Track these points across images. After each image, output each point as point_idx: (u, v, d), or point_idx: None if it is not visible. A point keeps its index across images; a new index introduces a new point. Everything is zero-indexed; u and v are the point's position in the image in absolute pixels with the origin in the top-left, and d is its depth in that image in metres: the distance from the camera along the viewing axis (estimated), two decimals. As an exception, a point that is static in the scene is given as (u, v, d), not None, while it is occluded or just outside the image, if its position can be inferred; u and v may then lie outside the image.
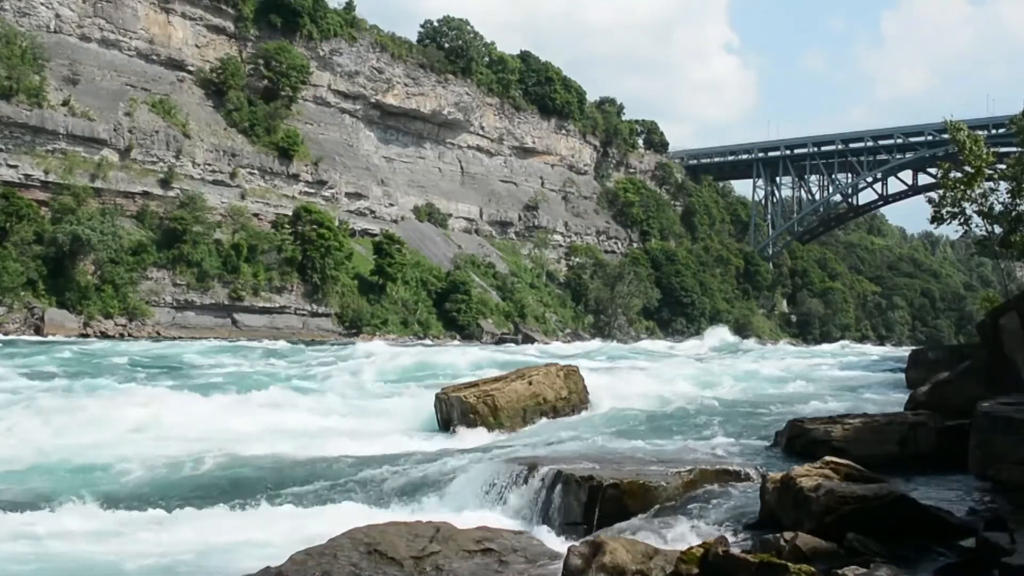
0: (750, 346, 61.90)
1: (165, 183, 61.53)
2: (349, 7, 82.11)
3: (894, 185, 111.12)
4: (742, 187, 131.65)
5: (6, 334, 45.36)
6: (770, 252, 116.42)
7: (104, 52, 63.57)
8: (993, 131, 65.24)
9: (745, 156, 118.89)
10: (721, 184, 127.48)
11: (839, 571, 5.50)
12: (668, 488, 8.77)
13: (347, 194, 77.18)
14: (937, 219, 26.09)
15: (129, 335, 51.93)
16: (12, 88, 53.70)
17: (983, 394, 9.44)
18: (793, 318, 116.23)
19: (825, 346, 72.23)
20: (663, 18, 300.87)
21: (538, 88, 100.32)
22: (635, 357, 38.64)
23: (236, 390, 19.63)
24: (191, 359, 31.82)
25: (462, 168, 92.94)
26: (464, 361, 29.74)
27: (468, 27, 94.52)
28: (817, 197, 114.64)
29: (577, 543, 6.32)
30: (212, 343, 45.75)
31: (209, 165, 65.34)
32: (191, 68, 69.36)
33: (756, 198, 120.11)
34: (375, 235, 75.86)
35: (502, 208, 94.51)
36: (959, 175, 25.64)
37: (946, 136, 39.05)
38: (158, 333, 54.10)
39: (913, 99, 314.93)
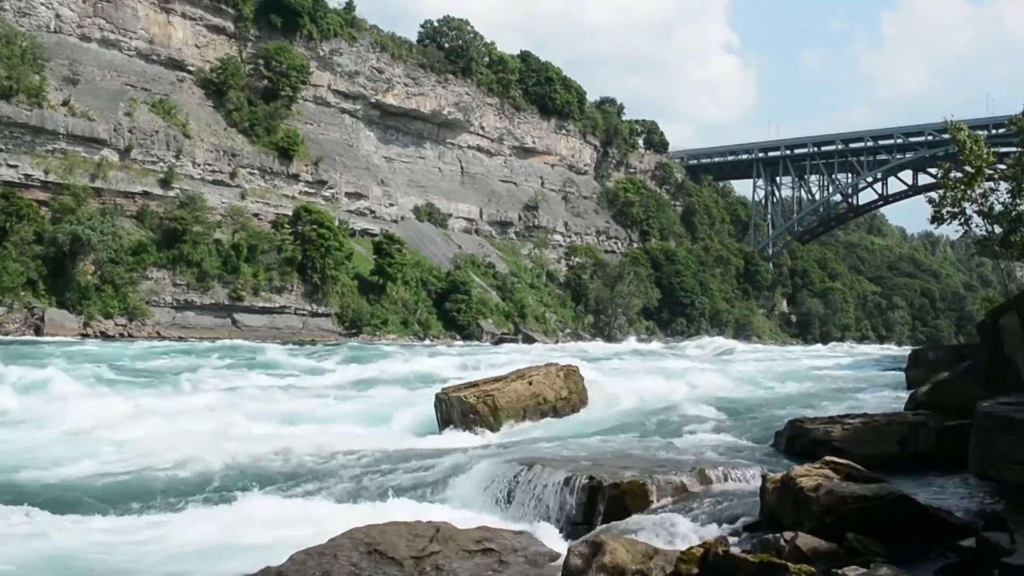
0: (733, 346, 58.79)
1: (165, 183, 61.51)
2: (349, 7, 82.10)
3: (894, 185, 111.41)
4: (742, 187, 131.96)
5: (6, 334, 45.36)
6: (770, 252, 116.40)
7: (104, 52, 63.55)
8: (993, 131, 65.16)
9: (745, 156, 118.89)
10: (721, 184, 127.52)
11: (839, 571, 5.49)
12: (668, 488, 8.77)
13: (347, 194, 77.17)
14: (937, 219, 26.06)
15: (129, 335, 51.88)
16: (12, 88, 53.69)
17: (983, 394, 9.45)
18: (793, 318, 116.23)
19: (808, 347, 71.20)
20: (663, 18, 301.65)
21: (538, 88, 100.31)
22: (630, 359, 38.56)
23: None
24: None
25: (462, 168, 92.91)
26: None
27: (468, 27, 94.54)
28: (817, 197, 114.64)
29: (577, 543, 6.31)
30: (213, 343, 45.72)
31: (209, 165, 65.32)
32: (191, 68, 69.34)
33: (756, 198, 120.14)
34: (375, 235, 75.84)
35: (502, 208, 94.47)
36: (959, 175, 25.58)
37: (946, 136, 38.99)
38: (158, 333, 54.07)
39: (913, 99, 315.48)
